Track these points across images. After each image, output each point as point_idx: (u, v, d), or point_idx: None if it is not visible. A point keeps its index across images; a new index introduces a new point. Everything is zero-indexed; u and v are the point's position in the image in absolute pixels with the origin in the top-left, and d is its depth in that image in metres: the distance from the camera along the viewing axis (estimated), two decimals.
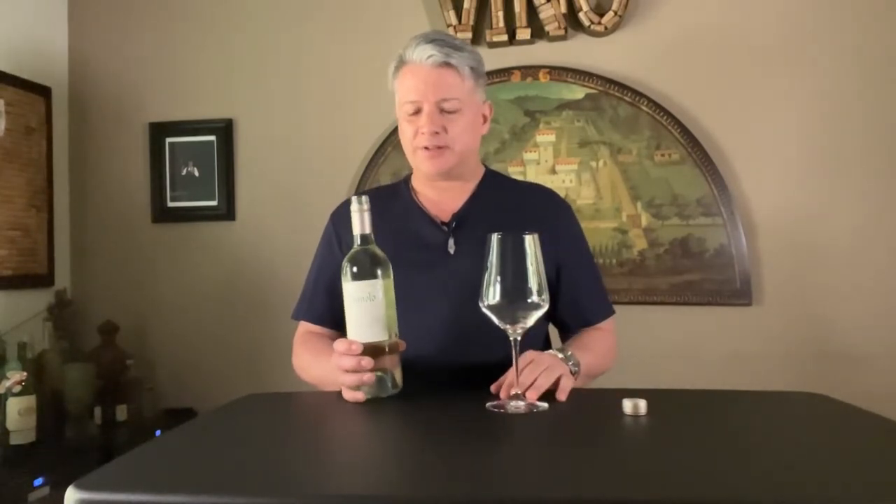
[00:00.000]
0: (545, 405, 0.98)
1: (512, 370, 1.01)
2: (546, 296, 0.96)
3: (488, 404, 0.98)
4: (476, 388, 1.11)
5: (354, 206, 1.06)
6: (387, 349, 1.04)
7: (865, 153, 2.19)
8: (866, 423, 0.91)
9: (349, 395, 1.04)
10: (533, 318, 0.97)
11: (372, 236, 1.07)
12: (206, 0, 2.64)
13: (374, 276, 1.03)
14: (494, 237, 0.96)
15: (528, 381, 1.02)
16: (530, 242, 0.96)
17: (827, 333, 2.18)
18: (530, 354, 1.07)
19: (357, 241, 1.06)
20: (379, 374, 1.03)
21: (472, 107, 1.27)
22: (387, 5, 2.50)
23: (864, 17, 2.20)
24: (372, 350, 1.02)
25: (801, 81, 2.24)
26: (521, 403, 0.97)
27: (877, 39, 2.19)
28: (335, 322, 1.34)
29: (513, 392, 0.99)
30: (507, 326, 0.97)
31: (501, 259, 0.95)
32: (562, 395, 1.03)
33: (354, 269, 1.04)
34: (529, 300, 0.95)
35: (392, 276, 1.06)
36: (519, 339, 0.99)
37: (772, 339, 2.21)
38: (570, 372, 1.11)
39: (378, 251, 1.06)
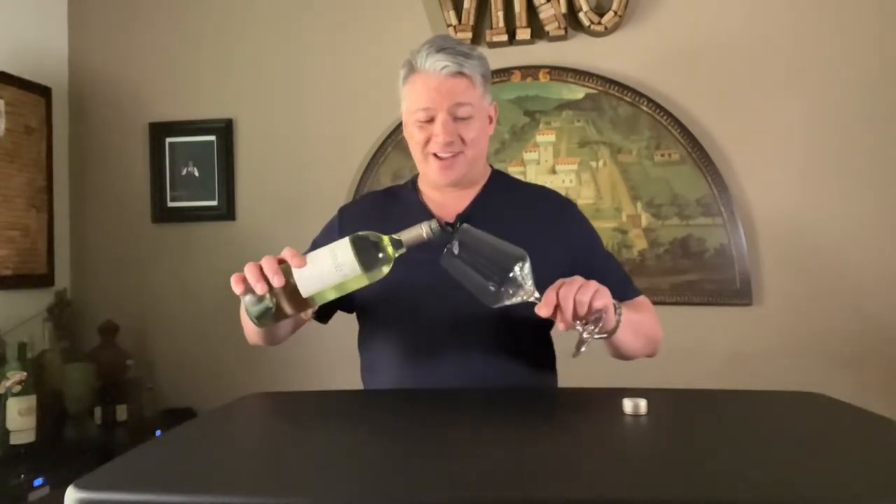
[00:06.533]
0: (602, 335, 1.01)
1: (549, 293, 0.97)
2: (522, 252, 0.96)
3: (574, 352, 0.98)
4: (476, 387, 1.11)
5: (425, 230, 0.98)
6: (296, 303, 0.97)
7: (865, 153, 2.19)
8: (866, 423, 0.91)
9: (236, 280, 0.97)
10: (529, 278, 0.96)
11: (401, 253, 1.00)
12: (206, 0, 2.64)
13: (361, 263, 0.96)
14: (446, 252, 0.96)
15: (567, 299, 0.96)
16: (471, 230, 0.97)
17: (827, 333, 2.18)
18: (560, 280, 1.00)
19: (393, 239, 0.99)
20: (269, 298, 0.96)
21: (482, 111, 1.26)
22: (387, 5, 2.50)
23: (865, 16, 2.20)
24: (292, 288, 0.96)
25: (801, 81, 2.23)
26: (584, 334, 0.96)
27: (878, 39, 2.19)
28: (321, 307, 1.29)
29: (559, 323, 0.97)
30: (523, 298, 0.96)
31: (472, 256, 0.95)
32: (598, 303, 0.98)
33: (360, 243, 0.97)
34: (511, 274, 0.94)
35: (367, 283, 0.99)
36: (539, 299, 0.97)
37: (772, 339, 2.21)
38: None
39: (390, 257, 0.99)
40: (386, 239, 0.98)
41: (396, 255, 0.99)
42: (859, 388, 2.06)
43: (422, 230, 0.97)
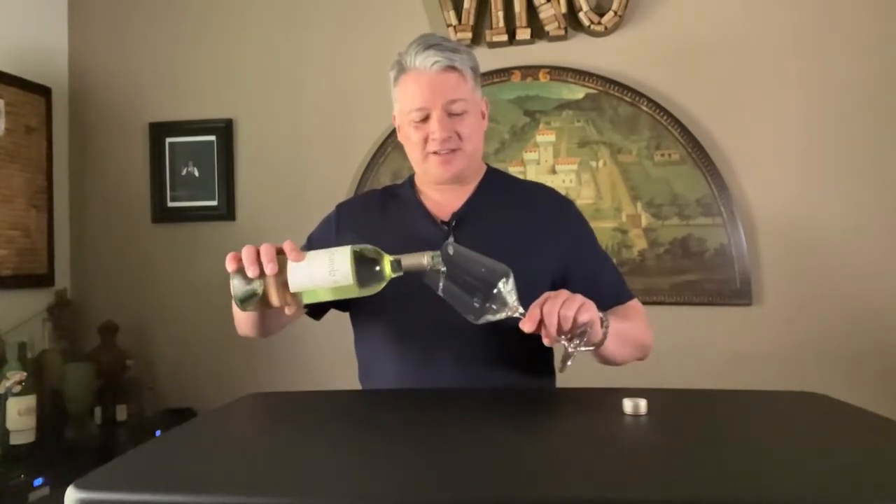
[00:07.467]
0: (588, 348, 1.00)
1: (534, 308, 0.97)
2: (506, 269, 0.96)
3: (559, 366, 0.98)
4: (475, 386, 1.10)
5: (426, 260, 0.97)
6: (283, 295, 0.96)
7: (865, 153, 2.19)
8: (866, 423, 0.91)
9: (231, 258, 0.96)
10: (513, 294, 0.96)
11: (398, 275, 0.98)
12: (206, 0, 2.64)
13: (355, 276, 0.94)
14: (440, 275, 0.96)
15: (552, 314, 0.96)
16: (455, 246, 0.97)
17: (827, 333, 2.18)
18: (545, 295, 1.00)
19: (394, 260, 0.97)
20: (258, 284, 0.95)
21: (475, 105, 1.27)
22: (386, 5, 2.50)
23: (866, 16, 2.20)
24: (283, 280, 0.95)
25: (801, 81, 2.23)
26: (570, 348, 0.97)
27: (878, 39, 2.19)
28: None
29: (545, 338, 0.98)
30: (507, 314, 0.96)
31: (456, 273, 0.95)
32: (583, 317, 0.97)
33: (360, 256, 0.95)
34: (495, 290, 0.95)
35: (357, 296, 0.98)
36: (524, 315, 0.98)
37: (772, 339, 2.21)
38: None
39: (386, 276, 0.97)
40: (386, 258, 0.97)
41: (393, 276, 0.97)
42: (859, 388, 2.06)
43: (423, 259, 0.96)
